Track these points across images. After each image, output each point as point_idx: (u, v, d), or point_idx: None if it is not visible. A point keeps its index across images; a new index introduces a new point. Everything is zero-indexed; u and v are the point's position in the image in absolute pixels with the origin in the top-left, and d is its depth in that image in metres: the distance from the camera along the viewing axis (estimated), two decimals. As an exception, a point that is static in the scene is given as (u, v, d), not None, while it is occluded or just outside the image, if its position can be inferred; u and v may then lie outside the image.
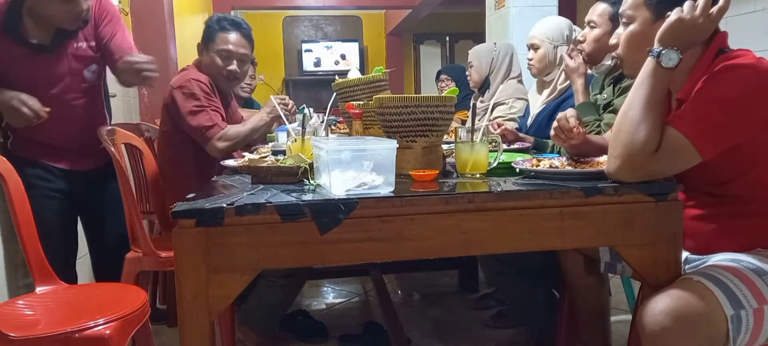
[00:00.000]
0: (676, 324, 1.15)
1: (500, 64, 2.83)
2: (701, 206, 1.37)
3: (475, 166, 1.45)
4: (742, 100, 1.21)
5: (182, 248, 1.16)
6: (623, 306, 2.46)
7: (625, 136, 1.25)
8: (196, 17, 5.38)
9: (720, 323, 1.17)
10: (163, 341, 2.29)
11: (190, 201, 1.22)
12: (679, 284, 1.23)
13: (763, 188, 1.31)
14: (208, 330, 1.19)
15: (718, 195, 1.34)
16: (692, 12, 1.23)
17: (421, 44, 9.06)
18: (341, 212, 1.18)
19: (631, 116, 1.25)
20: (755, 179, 1.31)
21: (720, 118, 1.22)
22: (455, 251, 1.29)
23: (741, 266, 1.25)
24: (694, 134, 1.22)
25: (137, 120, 3.63)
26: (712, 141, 1.22)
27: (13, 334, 1.37)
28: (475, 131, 1.44)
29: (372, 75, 1.99)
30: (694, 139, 1.22)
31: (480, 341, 2.47)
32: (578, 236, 1.29)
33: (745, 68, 1.22)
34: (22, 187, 1.63)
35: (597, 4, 1.95)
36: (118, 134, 2.09)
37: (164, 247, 2.00)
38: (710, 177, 1.33)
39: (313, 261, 1.26)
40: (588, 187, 1.26)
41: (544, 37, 2.27)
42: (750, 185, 1.31)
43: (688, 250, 1.40)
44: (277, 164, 1.48)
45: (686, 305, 1.17)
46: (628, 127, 1.25)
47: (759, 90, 1.22)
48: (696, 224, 1.37)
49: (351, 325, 2.61)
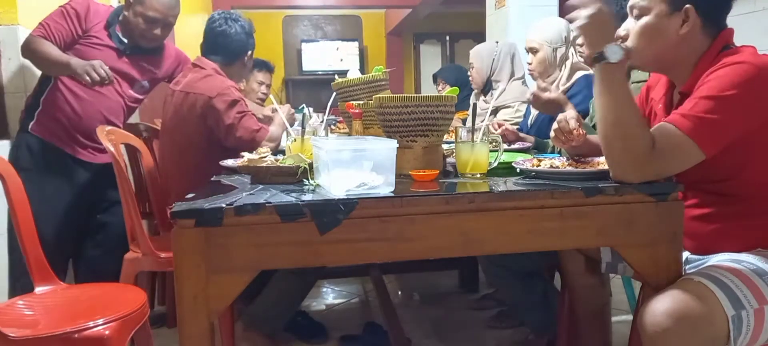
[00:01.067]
0: (676, 325, 1.15)
1: (502, 65, 2.82)
2: (700, 206, 1.37)
3: (475, 166, 1.44)
4: (740, 96, 1.21)
5: (181, 248, 1.15)
6: (623, 306, 2.46)
7: (617, 141, 1.25)
8: (196, 17, 5.38)
9: (721, 323, 1.16)
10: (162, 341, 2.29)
11: (190, 201, 1.21)
12: (679, 284, 1.22)
13: (760, 186, 1.31)
14: (207, 331, 1.19)
15: (715, 193, 1.34)
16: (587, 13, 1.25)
17: (421, 44, 9.07)
18: (341, 212, 1.18)
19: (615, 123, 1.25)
20: (750, 177, 1.31)
21: (719, 115, 1.21)
22: (455, 251, 1.28)
23: (741, 266, 1.25)
24: (695, 132, 1.22)
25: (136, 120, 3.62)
26: (713, 138, 1.22)
27: (12, 334, 1.37)
28: (476, 131, 1.44)
29: (372, 75, 1.99)
30: (695, 137, 1.21)
31: (480, 341, 2.46)
32: (579, 236, 1.28)
33: (744, 64, 1.22)
34: (23, 187, 1.62)
35: None
36: (117, 134, 2.09)
37: (163, 247, 2.00)
38: (707, 175, 1.32)
39: (313, 261, 1.25)
40: (588, 187, 1.26)
41: (542, 41, 2.26)
42: (746, 182, 1.31)
43: (688, 250, 1.40)
44: (276, 164, 1.47)
45: (687, 305, 1.16)
46: (616, 133, 1.25)
47: (757, 86, 1.22)
48: (695, 224, 1.37)
49: (351, 325, 2.60)
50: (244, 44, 2.31)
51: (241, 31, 2.29)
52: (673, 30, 1.32)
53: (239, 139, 2.13)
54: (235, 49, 2.30)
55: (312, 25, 8.74)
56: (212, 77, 2.21)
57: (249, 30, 2.34)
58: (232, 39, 2.27)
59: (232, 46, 2.28)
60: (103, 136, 1.96)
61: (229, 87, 2.15)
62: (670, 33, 1.32)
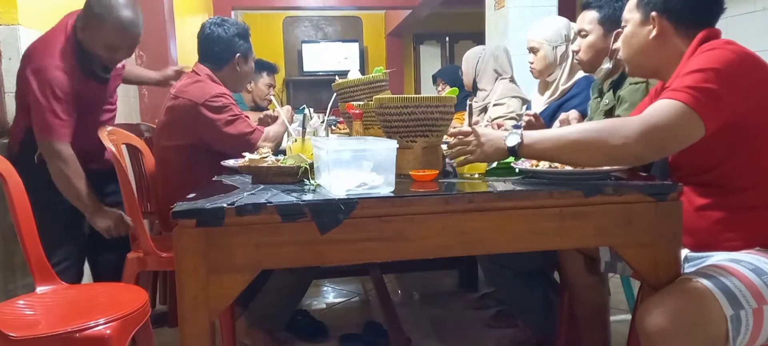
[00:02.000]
0: (675, 325, 1.15)
1: (485, 67, 2.88)
2: (696, 198, 1.37)
3: (473, 166, 1.45)
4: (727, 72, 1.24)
5: (182, 248, 1.16)
6: (623, 306, 2.46)
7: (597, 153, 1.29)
8: (196, 17, 5.38)
9: (719, 323, 1.17)
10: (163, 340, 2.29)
11: (191, 201, 1.22)
12: (678, 284, 1.23)
13: (751, 176, 1.32)
14: (208, 330, 1.19)
15: (708, 184, 1.35)
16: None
17: (421, 44, 9.06)
18: (341, 212, 1.18)
19: (578, 153, 1.30)
20: (738, 165, 1.31)
21: (711, 85, 1.23)
22: (455, 251, 1.29)
23: (740, 266, 1.25)
24: (692, 101, 1.22)
25: (137, 120, 3.63)
26: (713, 108, 1.23)
27: (13, 334, 1.37)
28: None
29: (372, 75, 2.00)
30: (694, 105, 1.22)
31: (480, 341, 2.47)
32: (578, 235, 1.29)
33: (721, 48, 1.27)
34: (23, 187, 1.63)
35: (584, 13, 1.96)
36: (118, 134, 2.09)
37: (165, 247, 2.00)
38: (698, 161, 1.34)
39: (313, 261, 1.26)
40: (588, 187, 1.26)
41: (542, 40, 2.28)
42: (735, 170, 1.32)
43: (687, 247, 1.41)
44: (277, 164, 1.48)
45: (685, 305, 1.17)
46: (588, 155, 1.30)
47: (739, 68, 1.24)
48: (693, 218, 1.37)
49: (351, 325, 2.61)
50: (230, 47, 2.25)
51: (226, 34, 2.25)
52: (644, 36, 1.42)
53: (232, 143, 2.09)
54: (221, 53, 2.26)
55: (312, 26, 8.75)
56: (203, 84, 2.18)
57: (237, 32, 2.28)
58: (217, 43, 2.24)
59: (219, 50, 2.25)
60: (104, 137, 1.97)
61: (217, 94, 2.12)
62: (644, 39, 1.43)
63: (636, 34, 1.44)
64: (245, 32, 2.32)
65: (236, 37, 2.27)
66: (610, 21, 1.88)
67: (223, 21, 2.30)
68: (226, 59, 2.27)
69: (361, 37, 8.65)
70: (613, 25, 1.87)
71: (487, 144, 1.37)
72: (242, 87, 2.62)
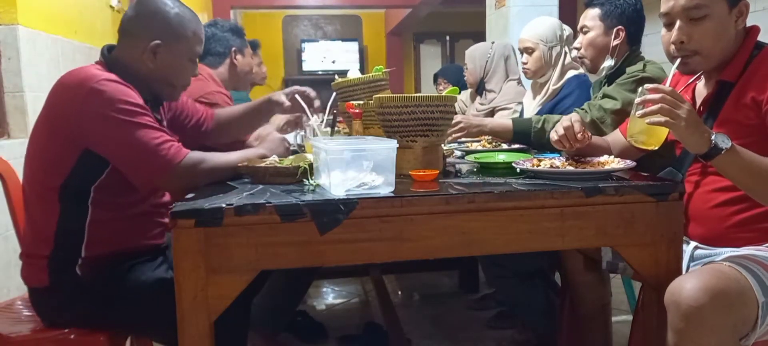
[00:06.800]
0: (713, 302, 1.14)
1: (495, 66, 2.83)
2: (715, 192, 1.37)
3: (653, 133, 1.33)
4: None
5: (181, 248, 1.16)
6: (623, 306, 2.46)
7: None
8: (195, 17, 5.37)
9: (752, 306, 1.18)
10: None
11: (189, 201, 1.21)
12: (714, 266, 1.23)
13: None
14: (207, 330, 1.19)
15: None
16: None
17: (421, 44, 9.07)
18: (341, 212, 1.18)
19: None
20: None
21: None
22: (455, 251, 1.28)
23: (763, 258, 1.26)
24: None
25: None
26: None
27: (13, 334, 1.37)
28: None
29: (372, 75, 1.99)
30: None
31: (480, 341, 2.46)
32: (579, 236, 1.28)
33: None
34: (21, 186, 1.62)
35: (587, 11, 1.97)
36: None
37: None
38: None
39: (313, 261, 1.25)
40: (588, 187, 1.26)
41: (538, 40, 2.25)
42: None
43: (695, 239, 1.40)
44: (275, 165, 1.47)
45: (724, 284, 1.17)
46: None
47: None
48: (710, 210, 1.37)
49: (351, 325, 2.60)
50: (224, 42, 2.33)
51: (219, 30, 2.33)
52: (732, 24, 1.37)
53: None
54: (217, 49, 2.33)
55: (312, 25, 8.75)
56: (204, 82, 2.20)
57: (230, 28, 2.36)
58: (211, 40, 2.31)
59: (214, 46, 2.32)
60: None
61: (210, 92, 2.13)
62: (733, 27, 1.38)
63: (724, 24, 1.36)
64: (238, 29, 2.40)
65: (229, 32, 2.35)
66: (612, 18, 1.88)
67: (215, 22, 2.39)
68: (222, 54, 2.33)
69: (360, 36, 8.66)
70: (614, 21, 1.87)
71: (694, 123, 1.21)
72: (244, 84, 2.62)
